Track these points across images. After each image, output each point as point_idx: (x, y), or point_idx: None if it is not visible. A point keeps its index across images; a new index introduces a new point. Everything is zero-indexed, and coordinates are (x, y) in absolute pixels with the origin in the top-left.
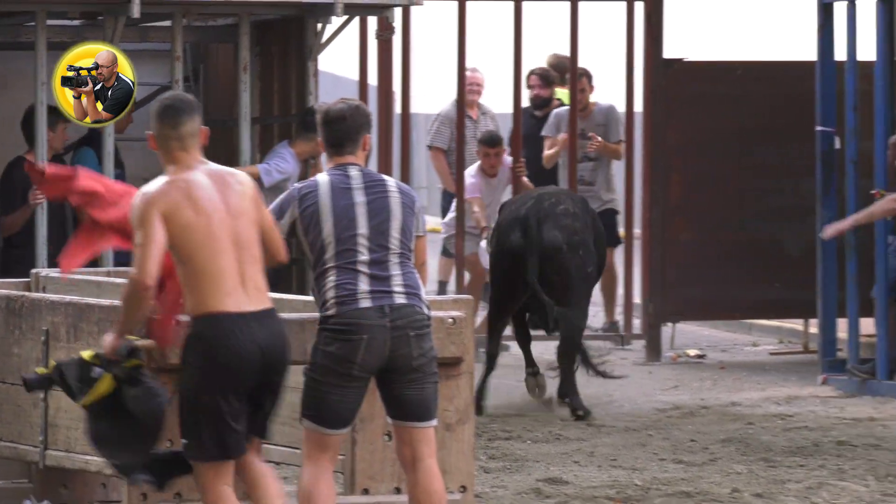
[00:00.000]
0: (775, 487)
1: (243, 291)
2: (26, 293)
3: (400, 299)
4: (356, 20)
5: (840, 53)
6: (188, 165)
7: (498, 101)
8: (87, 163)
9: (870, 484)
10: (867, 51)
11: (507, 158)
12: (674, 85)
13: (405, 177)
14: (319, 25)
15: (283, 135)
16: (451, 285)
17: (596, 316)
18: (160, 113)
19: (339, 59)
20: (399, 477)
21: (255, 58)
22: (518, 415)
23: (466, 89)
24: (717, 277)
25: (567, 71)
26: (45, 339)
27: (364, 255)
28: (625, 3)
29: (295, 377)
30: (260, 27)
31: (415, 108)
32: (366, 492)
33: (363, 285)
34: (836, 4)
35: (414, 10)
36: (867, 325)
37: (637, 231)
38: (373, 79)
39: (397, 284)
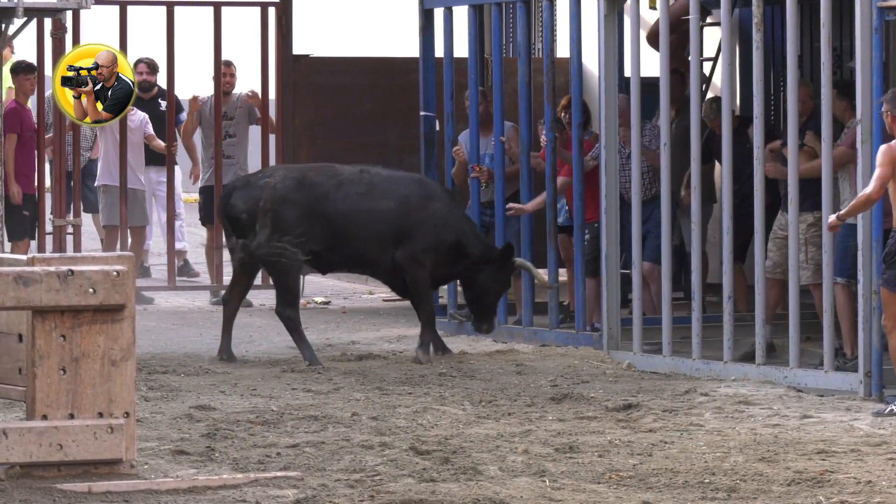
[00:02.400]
0: (388, 411)
1: None
2: None
3: None
4: (34, 21)
5: (439, 51)
6: None
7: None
8: None
9: (466, 408)
10: (461, 49)
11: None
12: (301, 76)
13: (76, 146)
14: (3, 25)
15: None
16: None
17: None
18: None
19: (22, 54)
20: (72, 404)
21: None
22: (173, 353)
23: None
24: None
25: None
26: None
27: None
28: (259, 8)
29: None
30: None
31: None
32: (44, 417)
33: None
34: (436, 10)
35: (83, 12)
36: None
37: None
38: (49, 70)
39: None
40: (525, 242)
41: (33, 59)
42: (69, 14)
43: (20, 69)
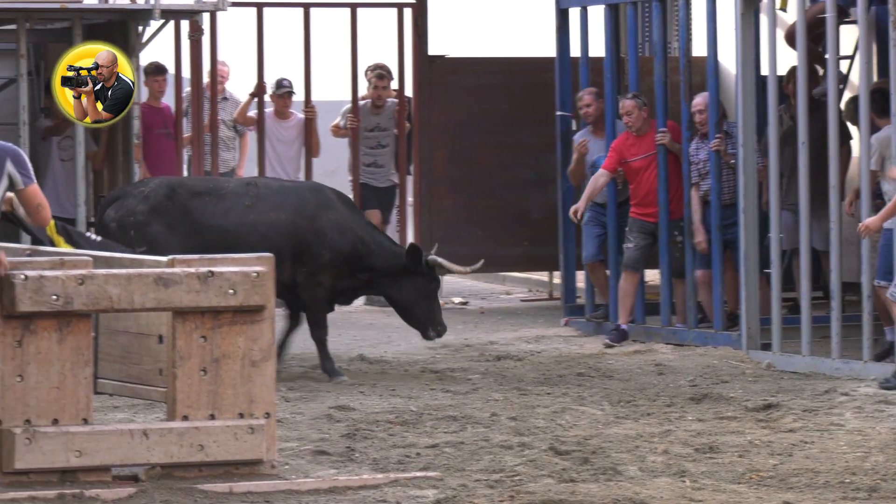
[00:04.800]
0: (527, 412)
1: None
2: None
3: None
4: (171, 23)
5: (575, 50)
6: None
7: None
8: None
9: (605, 408)
10: (597, 48)
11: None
12: (437, 77)
13: (214, 149)
14: (140, 27)
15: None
16: None
17: None
18: None
19: (159, 56)
20: (213, 405)
21: None
22: (313, 354)
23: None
24: (475, 237)
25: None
26: None
27: None
28: (395, 9)
29: (123, 322)
30: (90, 29)
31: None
32: (185, 418)
33: None
34: (571, 10)
35: (220, 14)
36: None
37: (410, 199)
38: (186, 72)
39: None
40: (662, 242)
41: (168, 62)
42: (206, 16)
43: (149, 71)
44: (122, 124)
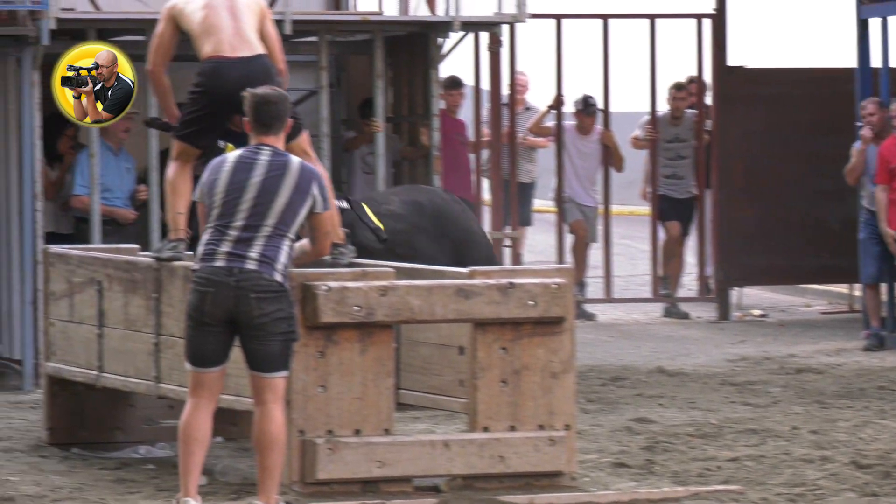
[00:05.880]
0: (828, 425)
1: None
2: None
3: (251, 265)
4: (471, 35)
5: (875, 61)
6: None
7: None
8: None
9: None
10: None
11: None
12: (736, 87)
13: (513, 159)
14: (440, 40)
15: (412, 131)
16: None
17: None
18: None
19: (457, 68)
20: (514, 416)
21: (388, 67)
22: (610, 366)
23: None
24: (774, 248)
25: None
26: None
27: (238, 223)
28: (695, 20)
29: (424, 333)
30: (390, 41)
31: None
32: (486, 429)
33: (224, 248)
34: (871, 20)
35: (519, 26)
36: None
37: (709, 211)
38: (485, 84)
39: (255, 253)
40: None
41: (466, 74)
42: (505, 28)
43: (446, 85)
44: (422, 136)
